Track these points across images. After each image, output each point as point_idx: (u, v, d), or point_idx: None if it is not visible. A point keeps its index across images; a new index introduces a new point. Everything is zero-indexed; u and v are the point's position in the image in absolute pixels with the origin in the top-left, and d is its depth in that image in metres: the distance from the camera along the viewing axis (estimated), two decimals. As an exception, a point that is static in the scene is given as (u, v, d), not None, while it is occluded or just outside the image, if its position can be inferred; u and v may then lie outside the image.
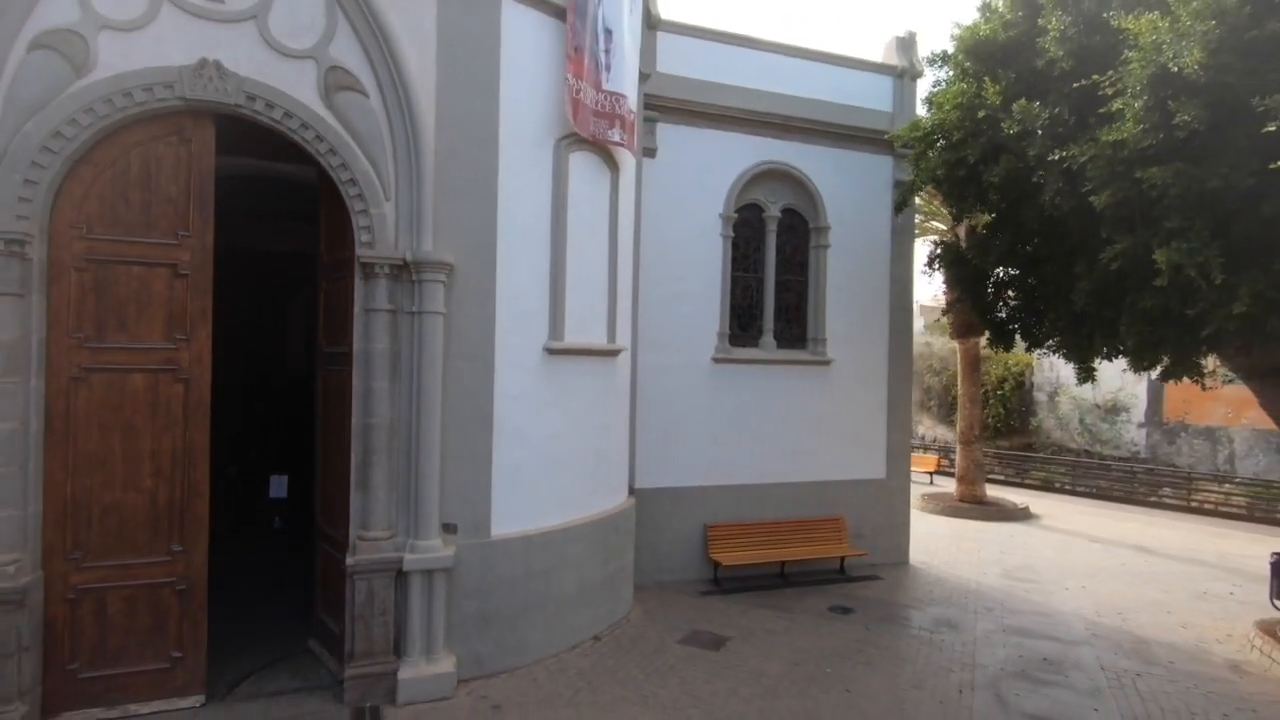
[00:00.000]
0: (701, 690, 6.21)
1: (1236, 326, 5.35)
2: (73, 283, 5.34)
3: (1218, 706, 6.15)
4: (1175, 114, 4.99)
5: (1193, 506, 17.79)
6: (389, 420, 6.03)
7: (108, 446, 5.45)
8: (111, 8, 5.29)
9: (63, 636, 5.33)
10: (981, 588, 9.61)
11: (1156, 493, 19.40)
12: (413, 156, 6.04)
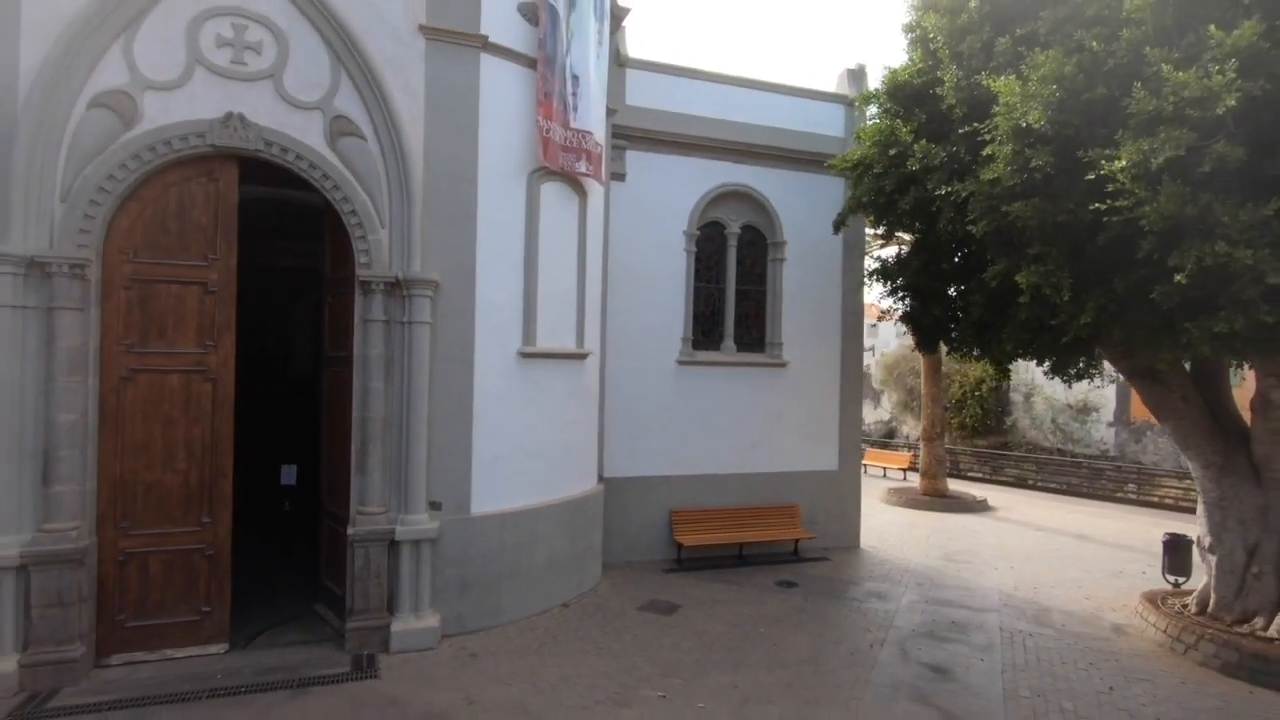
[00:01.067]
0: (650, 644, 7.29)
1: (1087, 334, 6.42)
2: (122, 299, 6.45)
3: (1087, 657, 7.20)
4: (1031, 160, 6.07)
5: (1153, 501, 18.78)
6: (383, 414, 7.12)
7: (149, 435, 6.56)
8: (154, 71, 6.41)
9: (113, 591, 6.43)
10: (919, 567, 10.66)
11: (1122, 488, 20.40)
12: (404, 190, 7.13)
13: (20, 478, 6.00)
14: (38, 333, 6.06)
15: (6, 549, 5.88)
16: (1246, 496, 7.44)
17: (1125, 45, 5.56)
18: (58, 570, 6.03)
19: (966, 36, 7.14)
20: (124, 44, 6.31)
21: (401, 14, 7.17)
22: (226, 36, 6.60)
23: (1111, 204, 5.42)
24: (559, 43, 8.08)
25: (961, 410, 27.19)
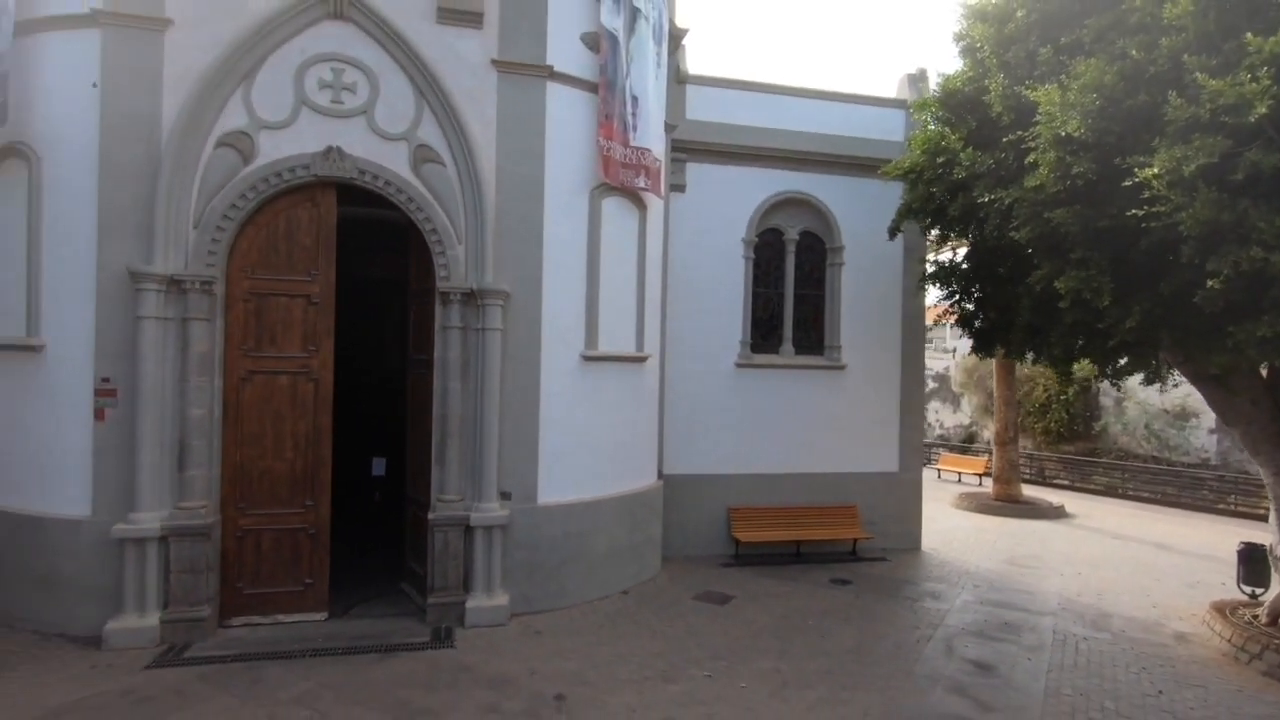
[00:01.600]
0: (701, 631, 7.75)
1: (1133, 338, 6.43)
2: (241, 310, 7.48)
3: (1141, 662, 7.16)
4: (1072, 167, 6.18)
5: (1259, 514, 17.61)
6: (460, 411, 7.90)
7: (262, 428, 7.56)
8: (268, 113, 7.41)
9: (233, 562, 7.46)
10: (979, 571, 10.64)
11: (1224, 499, 19.20)
12: (478, 209, 7.90)
13: (161, 463, 7.09)
14: (175, 340, 7.15)
15: (151, 523, 6.97)
16: (1320, 503, 7.20)
17: (1165, 53, 5.63)
18: (190, 542, 7.08)
19: (1013, 45, 7.26)
20: (244, 92, 7.34)
21: (477, 51, 7.94)
22: (327, 80, 7.54)
23: (1149, 210, 5.51)
24: (619, 67, 8.67)
25: (1046, 415, 26.13)
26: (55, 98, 7.24)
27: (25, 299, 7.31)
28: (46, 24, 7.24)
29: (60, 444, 7.21)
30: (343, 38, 7.58)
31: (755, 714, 5.86)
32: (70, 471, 7.18)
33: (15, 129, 7.24)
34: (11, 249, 7.38)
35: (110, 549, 6.96)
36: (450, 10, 7.80)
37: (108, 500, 7.07)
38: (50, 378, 7.27)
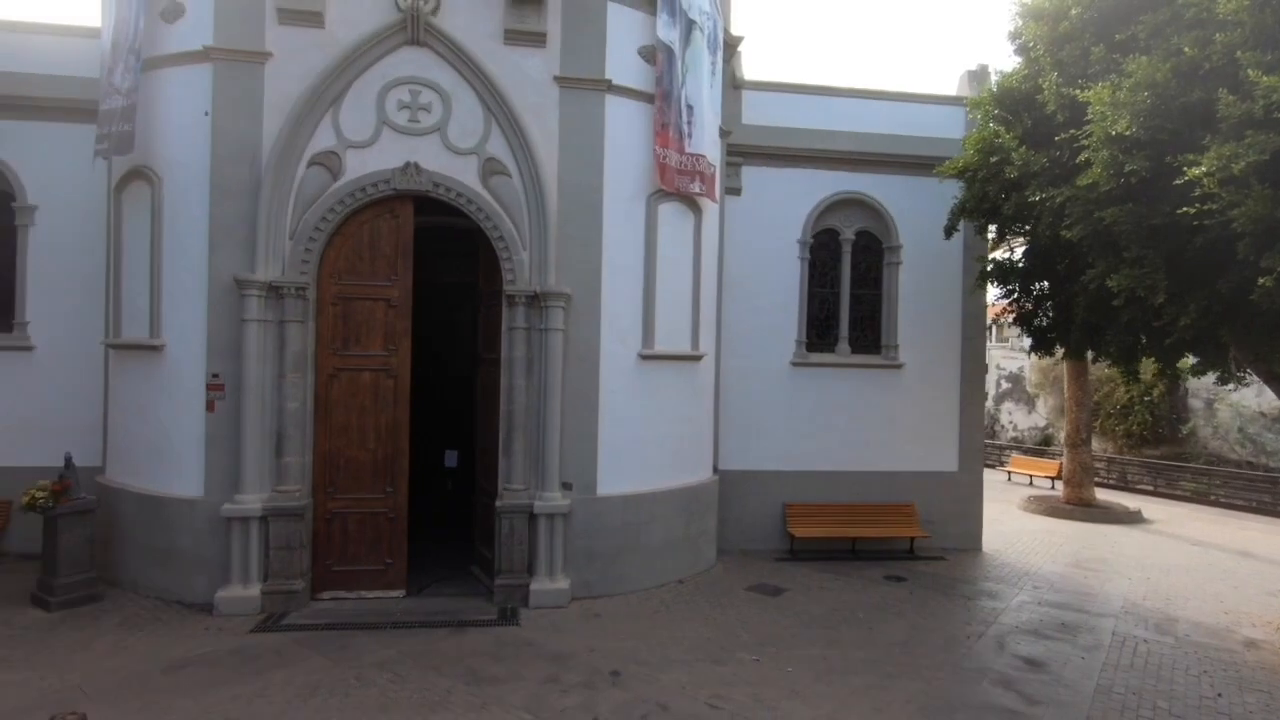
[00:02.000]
0: (752, 619, 8.05)
1: (1191, 336, 6.34)
2: (330, 313, 8.24)
3: (1203, 666, 7.03)
4: (1125, 165, 6.17)
5: None
6: (525, 406, 8.44)
7: (348, 420, 8.31)
8: (353, 134, 8.14)
9: (323, 542, 8.23)
10: (1041, 572, 10.49)
11: None
12: (541, 217, 8.42)
13: (262, 450, 7.91)
14: (273, 340, 7.96)
15: (254, 503, 7.80)
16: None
17: (1220, 48, 5.59)
18: (286, 522, 7.88)
19: (1067, 44, 7.24)
20: (333, 115, 8.09)
21: (540, 68, 8.47)
22: (405, 101, 8.22)
23: (1200, 208, 5.49)
24: (674, 78, 9.04)
25: (1128, 417, 24.95)
26: (173, 126, 8.18)
27: (149, 304, 8.29)
28: (166, 60, 8.18)
29: (177, 432, 8.15)
30: (419, 62, 8.24)
31: (799, 695, 6.14)
32: (185, 456, 8.10)
33: (140, 155, 8.22)
34: (138, 260, 8.38)
35: (219, 526, 7.82)
36: (517, 31, 8.36)
37: (217, 482, 7.94)
38: (169, 373, 8.22)
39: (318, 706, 5.71)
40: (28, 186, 9.79)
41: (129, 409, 8.63)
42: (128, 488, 8.43)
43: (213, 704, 5.70)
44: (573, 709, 5.81)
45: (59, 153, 9.69)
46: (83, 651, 6.64)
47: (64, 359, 9.71)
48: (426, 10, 8.12)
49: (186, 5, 8.13)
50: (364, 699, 5.86)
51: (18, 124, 9.74)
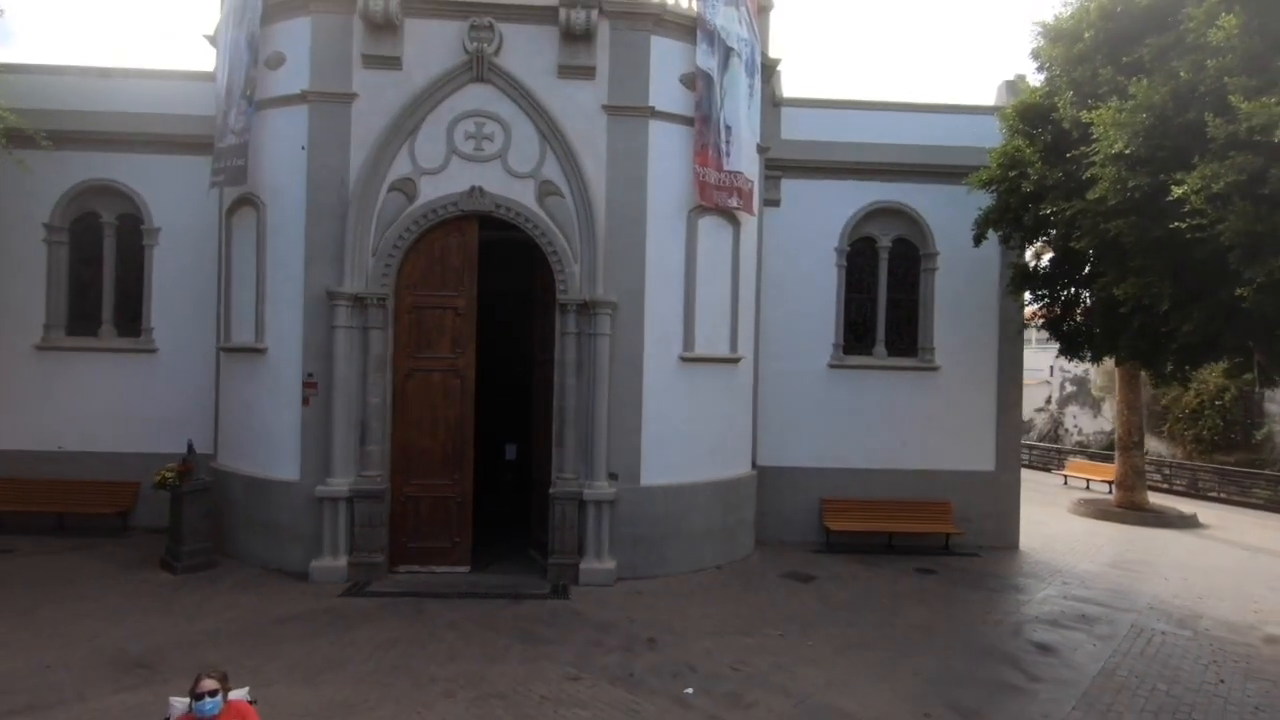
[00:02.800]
0: (782, 601, 8.73)
1: (1196, 340, 6.68)
2: (405, 320, 9.36)
3: (1214, 657, 7.33)
4: (1128, 180, 6.60)
5: None
6: (576, 404, 9.36)
7: (421, 414, 9.40)
8: (427, 161, 9.23)
9: (399, 522, 9.34)
10: (1075, 570, 10.74)
11: None
12: (590, 232, 9.33)
13: (348, 439, 9.08)
14: (359, 344, 9.12)
15: (342, 486, 8.97)
16: None
17: (1212, 73, 5.99)
18: (369, 503, 9.03)
19: (1080, 64, 7.66)
20: (409, 146, 9.21)
21: (590, 99, 9.39)
22: (471, 131, 9.27)
23: (1190, 223, 5.91)
24: (714, 101, 9.81)
25: (1197, 422, 24.16)
26: (276, 159, 9.46)
27: (254, 314, 9.60)
28: (270, 103, 9.47)
29: (277, 423, 9.42)
30: (484, 97, 9.28)
31: (815, 664, 6.82)
32: (284, 444, 9.36)
33: (248, 184, 9.53)
34: (246, 275, 9.72)
35: (313, 505, 9.02)
36: (569, 67, 9.30)
37: (311, 467, 9.16)
38: (271, 372, 9.50)
39: (398, 654, 6.74)
40: (153, 211, 11.33)
41: (237, 403, 9.99)
42: (236, 471, 9.77)
43: (314, 649, 6.82)
44: (612, 665, 6.66)
45: (178, 182, 11.19)
46: (205, 606, 7.91)
47: (182, 360, 11.20)
48: (490, 51, 9.15)
49: (287, 54, 9.40)
50: (436, 650, 6.87)
51: (144, 157, 11.29)
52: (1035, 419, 33.35)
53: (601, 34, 9.36)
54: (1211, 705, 6.24)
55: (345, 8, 9.12)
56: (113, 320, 11.47)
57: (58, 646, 6.73)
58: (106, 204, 11.41)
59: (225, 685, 3.94)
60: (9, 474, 10.91)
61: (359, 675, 6.32)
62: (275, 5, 9.37)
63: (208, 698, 3.82)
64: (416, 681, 6.22)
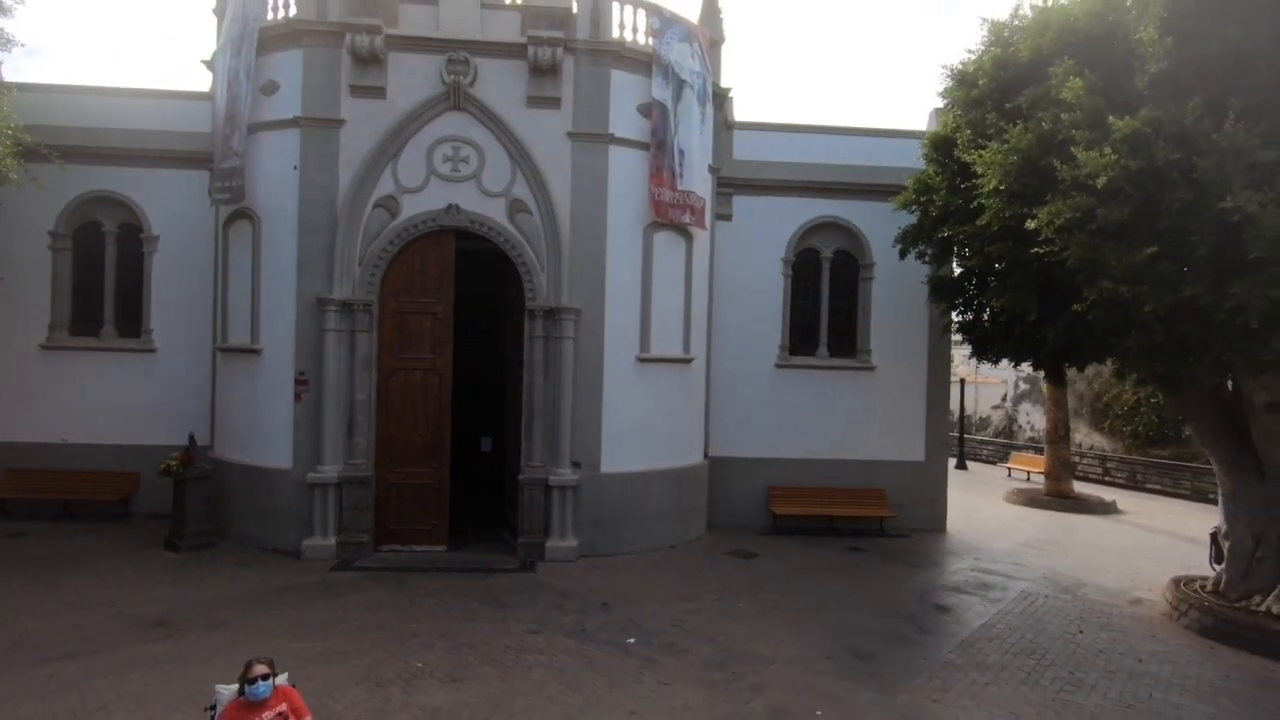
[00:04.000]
0: (724, 574, 9.90)
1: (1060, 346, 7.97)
2: (389, 324, 10.39)
3: (1083, 614, 8.63)
4: (1005, 210, 7.83)
5: None
6: (543, 399, 10.45)
7: (403, 409, 10.43)
8: (408, 181, 10.26)
9: (384, 505, 10.37)
10: (990, 548, 12.04)
11: None
12: (556, 246, 10.42)
13: (337, 431, 10.10)
14: (347, 346, 10.13)
15: (331, 473, 9.99)
16: (1253, 490, 8.37)
17: (1065, 124, 7.22)
18: (355, 488, 10.06)
19: (974, 108, 8.90)
20: (392, 167, 10.24)
21: (556, 126, 10.47)
22: (448, 154, 10.31)
23: (1044, 250, 7.15)
24: (668, 128, 10.94)
25: (1134, 419, 25.79)
26: (270, 177, 10.43)
27: (250, 317, 10.58)
28: (265, 126, 10.44)
29: (272, 417, 10.40)
30: (460, 124, 10.33)
31: (744, 622, 8.00)
32: (278, 436, 10.35)
33: (244, 200, 10.49)
34: (242, 282, 10.69)
35: (304, 491, 10.02)
36: (537, 97, 10.38)
37: (303, 457, 10.16)
38: (266, 371, 10.49)
39: (383, 616, 7.81)
40: (152, 220, 12.22)
41: (234, 399, 10.96)
42: (234, 460, 10.74)
43: (309, 612, 7.87)
44: (569, 623, 7.79)
45: (175, 193, 12.10)
46: (210, 578, 8.91)
47: (179, 359, 12.10)
48: (466, 82, 10.20)
49: (281, 83, 10.38)
50: (416, 613, 7.95)
51: (143, 170, 12.16)
52: (992, 416, 35.00)
53: (566, 68, 10.45)
54: (1064, 649, 7.51)
55: (334, 42, 10.12)
56: (114, 322, 12.34)
57: (83, 610, 7.71)
58: (108, 213, 12.28)
59: (274, 670, 4.26)
60: (18, 465, 11.78)
61: (350, 631, 7.39)
62: (270, 38, 10.34)
63: (260, 681, 4.13)
64: (399, 636, 7.29)
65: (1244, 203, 5.80)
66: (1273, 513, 8.19)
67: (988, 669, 6.96)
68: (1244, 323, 6.07)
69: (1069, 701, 6.30)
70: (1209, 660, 7.33)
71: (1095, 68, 7.23)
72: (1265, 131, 5.88)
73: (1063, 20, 7.84)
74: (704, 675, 6.61)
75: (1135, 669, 7.03)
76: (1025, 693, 6.46)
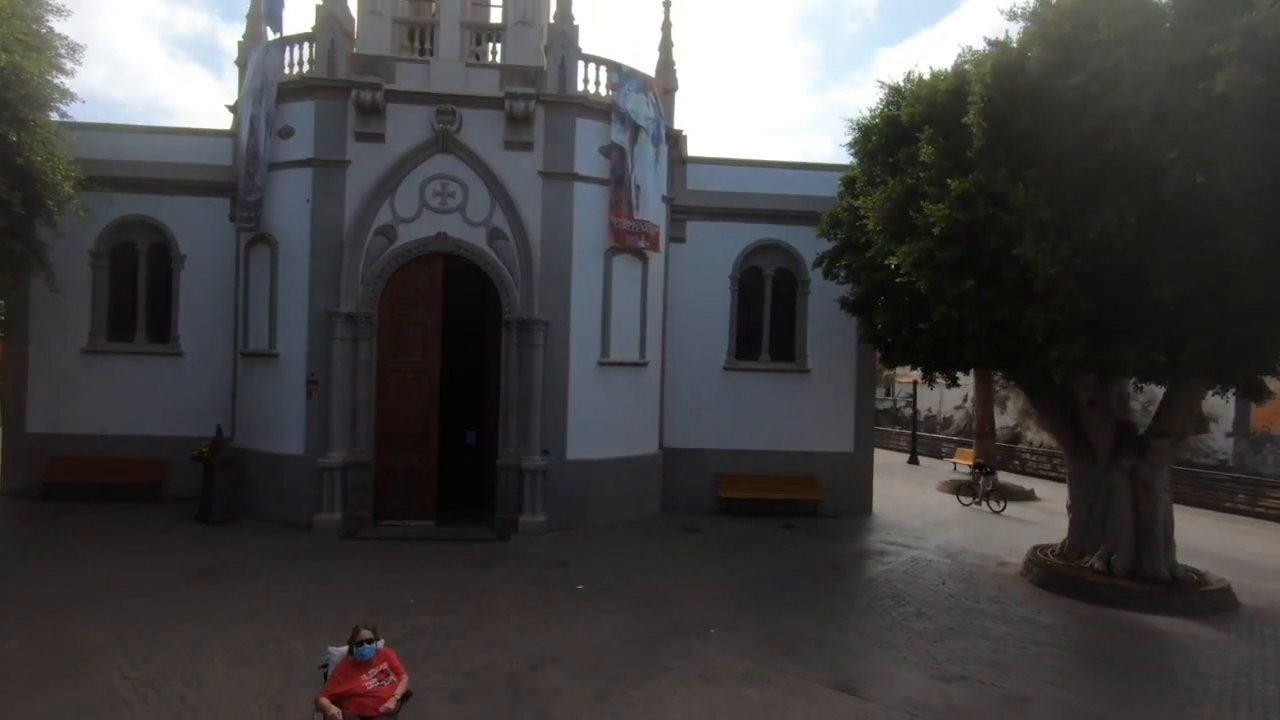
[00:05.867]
0: (670, 544, 11.83)
1: (932, 356, 9.94)
2: (387, 334, 12.27)
3: (952, 573, 10.59)
4: (884, 247, 9.78)
5: (1259, 512, 19.53)
6: (517, 397, 12.35)
7: (398, 406, 12.31)
8: (404, 212, 12.16)
9: (382, 486, 12.25)
10: (902, 526, 14.01)
11: (1232, 498, 20.96)
12: (529, 266, 12.33)
13: (342, 423, 11.98)
14: (350, 351, 12.02)
15: (337, 459, 11.87)
16: (1086, 471, 10.36)
17: (924, 180, 9.18)
18: (358, 471, 11.94)
19: (869, 158, 10.87)
20: (390, 201, 12.13)
21: (529, 166, 12.39)
22: (437, 190, 12.22)
23: (901, 280, 9.13)
24: (626, 167, 12.88)
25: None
26: (286, 208, 12.31)
27: (268, 326, 12.45)
28: (282, 165, 12.32)
29: (288, 412, 12.28)
30: (447, 164, 12.24)
31: (673, 575, 9.94)
32: (293, 427, 12.22)
33: (264, 227, 12.37)
34: (260, 296, 12.56)
35: (315, 474, 11.89)
36: (513, 142, 12.29)
37: (313, 444, 12.03)
38: (282, 373, 12.36)
39: (382, 570, 9.71)
40: (179, 241, 14.07)
41: (253, 396, 12.83)
42: (253, 448, 12.61)
43: (322, 567, 9.76)
44: (532, 575, 9.71)
45: (200, 218, 13.95)
46: (237, 544, 10.78)
47: (203, 362, 13.95)
48: (452, 130, 12.11)
49: (296, 129, 12.26)
50: (408, 568, 9.85)
51: (173, 198, 14.00)
52: (955, 415, 37.08)
53: (538, 117, 12.37)
54: (923, 595, 9.47)
55: (342, 96, 12.02)
56: (145, 329, 14.19)
57: (139, 566, 9.56)
58: (141, 234, 14.12)
59: (376, 635, 4.84)
60: (63, 453, 13.60)
61: (355, 578, 9.29)
62: (287, 90, 12.23)
63: (366, 644, 4.72)
64: (395, 583, 9.19)
65: (1029, 250, 7.77)
66: (1099, 489, 10.17)
67: (855, 606, 8.92)
68: (1034, 338, 8.04)
69: (906, 626, 8.26)
70: (1033, 602, 9.31)
71: (949, 136, 9.19)
72: (1048, 196, 7.83)
73: (930, 94, 9.80)
74: (631, 608, 8.54)
75: (971, 608, 9.00)
76: (875, 619, 8.43)
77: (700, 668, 6.88)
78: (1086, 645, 7.94)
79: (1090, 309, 7.74)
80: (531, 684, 6.42)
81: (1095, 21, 7.43)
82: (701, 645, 7.46)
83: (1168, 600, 9.13)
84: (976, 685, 6.71)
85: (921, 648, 7.59)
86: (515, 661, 6.89)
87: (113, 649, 6.82)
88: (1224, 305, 7.25)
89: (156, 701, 5.87)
